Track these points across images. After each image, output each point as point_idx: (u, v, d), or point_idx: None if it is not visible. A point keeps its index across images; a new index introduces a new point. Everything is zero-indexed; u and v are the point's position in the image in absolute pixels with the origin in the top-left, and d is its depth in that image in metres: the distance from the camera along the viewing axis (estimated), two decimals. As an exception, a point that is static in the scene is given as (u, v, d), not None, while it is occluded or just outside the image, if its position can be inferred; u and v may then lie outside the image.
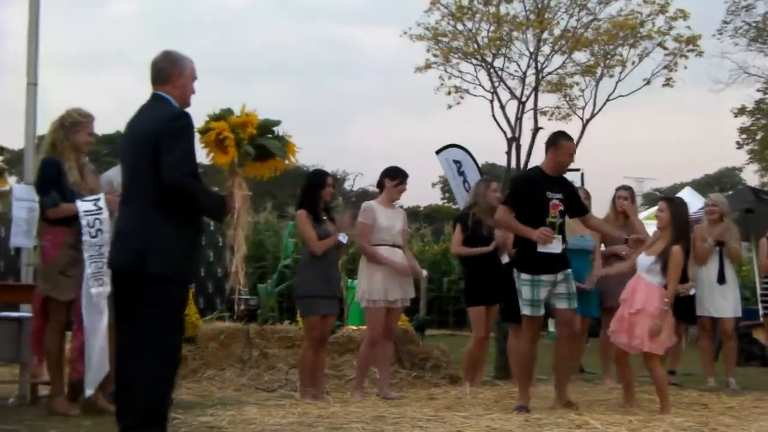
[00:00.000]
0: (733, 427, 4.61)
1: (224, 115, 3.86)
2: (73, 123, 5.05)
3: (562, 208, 5.46)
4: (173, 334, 3.73)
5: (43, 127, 5.77)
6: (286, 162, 4.00)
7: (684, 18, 9.35)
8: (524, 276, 5.35)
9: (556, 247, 5.35)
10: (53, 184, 4.92)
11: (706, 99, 77.18)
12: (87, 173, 5.14)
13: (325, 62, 71.55)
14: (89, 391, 4.78)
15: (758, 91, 21.52)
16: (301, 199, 6.07)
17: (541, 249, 5.30)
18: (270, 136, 3.92)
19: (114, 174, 5.68)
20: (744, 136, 23.66)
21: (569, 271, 5.52)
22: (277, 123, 3.95)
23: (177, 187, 3.61)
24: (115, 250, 3.83)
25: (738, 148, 24.35)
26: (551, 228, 5.34)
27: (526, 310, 5.37)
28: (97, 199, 4.92)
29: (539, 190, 5.44)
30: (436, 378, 7.12)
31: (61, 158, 4.99)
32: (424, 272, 9.56)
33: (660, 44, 9.51)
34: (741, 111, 22.48)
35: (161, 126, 3.67)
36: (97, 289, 4.82)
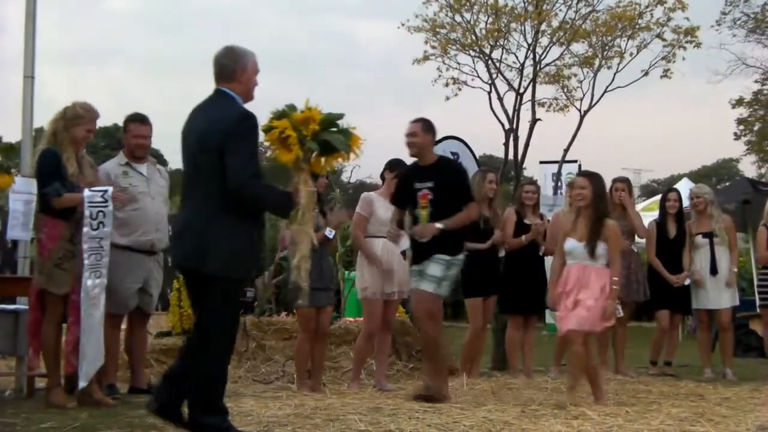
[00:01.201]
0: (730, 417, 4.62)
1: (287, 112, 3.85)
2: (74, 116, 5.03)
3: (431, 197, 5.39)
4: (229, 325, 3.86)
5: (41, 120, 5.78)
6: (352, 155, 3.98)
7: (682, 9, 9.32)
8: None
9: (404, 243, 5.49)
10: (54, 175, 4.90)
11: (704, 90, 77.20)
12: (85, 166, 5.12)
13: (323, 54, 71.48)
14: (82, 383, 4.79)
15: (756, 82, 21.54)
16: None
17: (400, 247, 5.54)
18: (334, 129, 3.90)
19: (111, 167, 5.68)
20: (741, 127, 23.66)
21: (437, 256, 5.32)
22: (340, 116, 3.91)
23: (242, 189, 3.64)
24: (177, 249, 3.91)
25: (735, 139, 24.38)
26: (419, 217, 5.39)
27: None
28: (105, 191, 4.91)
29: (408, 183, 5.52)
30: (434, 370, 7.12)
31: (60, 149, 4.97)
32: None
33: (658, 35, 9.48)
34: (739, 102, 22.47)
35: (227, 127, 3.67)
36: (93, 281, 4.81)
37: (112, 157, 5.93)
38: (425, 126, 5.51)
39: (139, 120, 5.75)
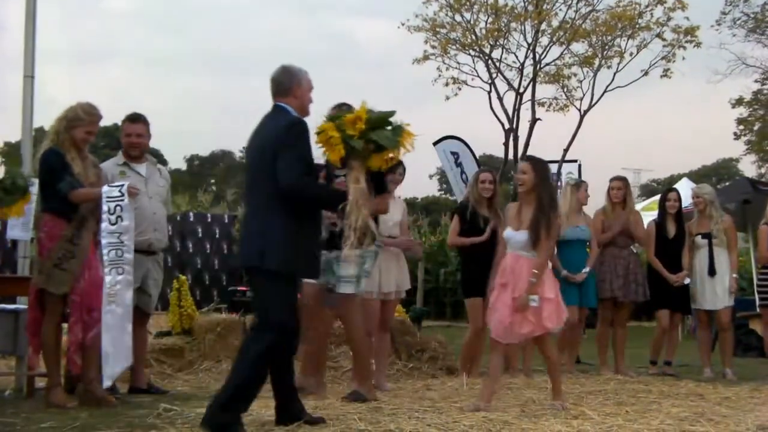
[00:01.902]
0: (730, 417, 4.61)
1: (338, 114, 4.15)
2: (75, 118, 5.02)
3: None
4: (289, 316, 4.05)
5: (41, 120, 5.79)
6: (402, 150, 4.23)
7: (682, 9, 9.36)
8: None
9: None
10: (63, 170, 4.89)
11: (703, 90, 77.19)
12: (88, 166, 5.10)
13: (322, 54, 71.43)
14: (107, 383, 4.90)
15: (756, 81, 21.57)
16: None
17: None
18: (388, 128, 4.11)
19: (109, 167, 5.67)
20: (741, 127, 23.69)
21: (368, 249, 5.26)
22: (391, 114, 4.14)
23: (291, 188, 3.94)
24: (242, 250, 4.20)
25: (735, 139, 24.42)
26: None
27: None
28: (122, 185, 4.98)
29: (328, 173, 5.44)
30: (433, 369, 7.13)
31: (62, 149, 4.96)
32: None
33: (658, 35, 9.50)
34: (739, 102, 22.50)
35: (278, 134, 4.01)
36: (113, 278, 4.84)
37: (111, 157, 5.93)
38: None
39: (129, 119, 5.75)
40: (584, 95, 9.63)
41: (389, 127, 4.13)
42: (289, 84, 4.18)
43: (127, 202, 4.91)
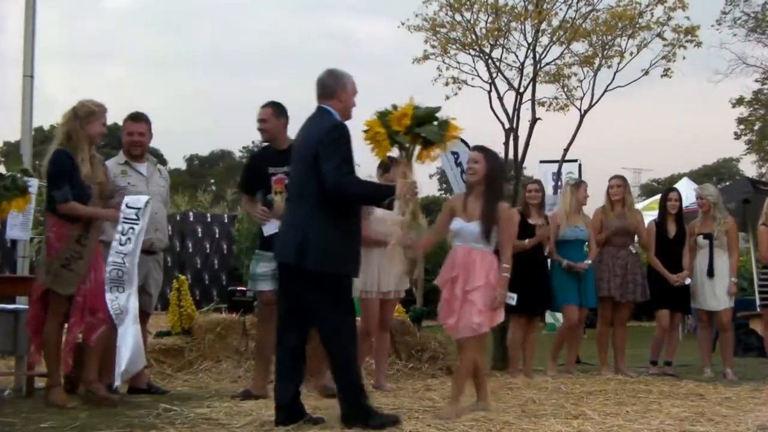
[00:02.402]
0: (730, 417, 4.60)
1: (385, 112, 4.18)
2: (88, 113, 4.98)
3: (288, 181, 5.24)
4: (342, 315, 4.11)
5: (40, 119, 5.77)
6: (448, 144, 4.31)
7: (683, 8, 9.29)
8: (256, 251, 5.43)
9: (271, 227, 5.24)
10: (67, 177, 4.86)
11: (704, 89, 77.15)
12: (96, 165, 5.08)
13: (322, 53, 71.37)
14: (117, 383, 4.98)
15: (756, 81, 21.57)
16: None
17: (265, 231, 5.35)
18: (434, 123, 4.17)
19: (110, 166, 5.65)
20: (742, 126, 23.69)
21: None
22: (437, 109, 4.20)
23: (339, 188, 4.00)
24: (280, 245, 4.26)
25: (736, 138, 24.42)
26: (272, 203, 5.34)
27: (249, 284, 5.52)
28: (139, 209, 4.96)
29: (260, 167, 5.48)
30: (433, 369, 7.13)
31: (75, 150, 4.91)
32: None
33: (658, 35, 9.46)
34: (739, 101, 22.50)
35: (320, 136, 4.07)
36: (114, 295, 4.87)
37: (113, 156, 5.92)
38: (277, 110, 5.51)
39: (131, 118, 5.75)
40: (584, 95, 9.59)
41: (435, 123, 4.19)
42: (334, 87, 4.26)
43: (142, 226, 4.96)
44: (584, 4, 9.39)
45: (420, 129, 4.14)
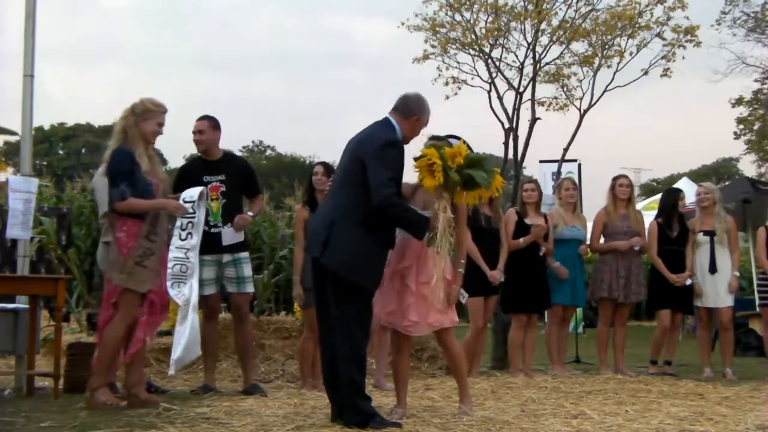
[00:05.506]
0: (729, 416, 4.61)
1: (440, 145, 4.29)
2: (144, 111, 4.97)
3: (224, 189, 5.69)
4: (354, 317, 4.12)
5: (40, 119, 5.78)
6: (492, 192, 4.47)
7: (682, 8, 9.30)
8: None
9: (229, 237, 5.65)
10: (125, 176, 4.83)
11: (703, 89, 77.14)
12: (155, 162, 5.09)
13: (321, 53, 71.42)
14: (171, 372, 5.19)
15: (756, 81, 21.51)
16: (305, 195, 6.27)
17: (224, 240, 5.66)
18: (483, 169, 4.29)
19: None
20: (741, 126, 23.64)
21: (241, 255, 5.72)
22: (485, 158, 4.37)
23: (385, 205, 4.04)
24: (312, 238, 4.33)
25: (735, 138, 24.37)
26: (208, 210, 5.53)
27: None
28: (194, 202, 5.13)
29: (195, 175, 5.69)
30: (433, 368, 7.14)
31: (131, 146, 4.90)
32: None
33: (658, 34, 9.46)
34: (738, 101, 22.45)
35: (374, 146, 4.15)
36: (176, 291, 4.95)
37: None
38: (213, 123, 5.81)
39: None
40: (584, 95, 9.59)
41: (483, 169, 4.29)
42: (413, 110, 4.35)
43: (199, 218, 5.12)
44: (584, 4, 9.40)
45: (471, 171, 4.23)
